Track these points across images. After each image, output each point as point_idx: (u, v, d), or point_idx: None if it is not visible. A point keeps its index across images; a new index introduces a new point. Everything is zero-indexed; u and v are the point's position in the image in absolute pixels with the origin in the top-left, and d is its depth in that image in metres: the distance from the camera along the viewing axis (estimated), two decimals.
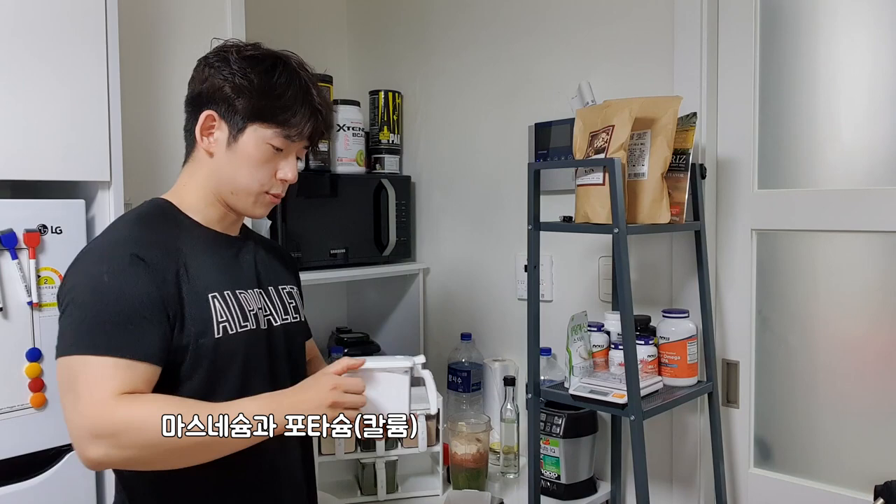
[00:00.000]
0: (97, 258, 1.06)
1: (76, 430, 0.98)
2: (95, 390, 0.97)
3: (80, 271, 1.06)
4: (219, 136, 1.13)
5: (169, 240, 1.10)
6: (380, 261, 2.22)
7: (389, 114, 2.29)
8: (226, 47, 1.15)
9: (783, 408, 1.65)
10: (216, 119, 1.13)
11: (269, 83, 1.11)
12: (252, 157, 1.12)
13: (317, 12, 2.48)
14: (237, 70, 1.11)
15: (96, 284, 1.02)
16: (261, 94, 1.11)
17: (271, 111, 1.11)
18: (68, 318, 1.03)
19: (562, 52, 1.94)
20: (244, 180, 1.13)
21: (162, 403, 1.00)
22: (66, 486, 1.39)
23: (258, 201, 1.16)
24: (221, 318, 1.10)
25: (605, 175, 1.45)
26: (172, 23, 1.78)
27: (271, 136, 1.12)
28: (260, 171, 1.13)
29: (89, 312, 1.01)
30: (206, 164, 1.15)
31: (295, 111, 1.12)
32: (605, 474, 1.85)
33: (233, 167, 1.13)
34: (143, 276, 1.03)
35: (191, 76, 1.17)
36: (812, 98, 1.59)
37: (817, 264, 1.60)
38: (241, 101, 1.11)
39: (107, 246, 1.08)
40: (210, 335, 1.08)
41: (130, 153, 1.52)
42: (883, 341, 1.51)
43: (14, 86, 1.33)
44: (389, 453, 1.75)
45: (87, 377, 0.98)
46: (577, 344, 1.53)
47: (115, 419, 0.96)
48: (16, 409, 1.33)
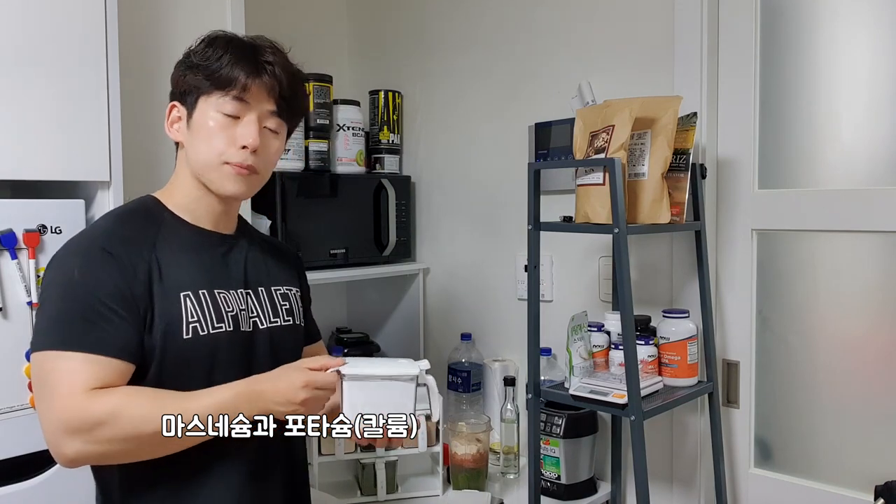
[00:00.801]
0: (71, 253, 1.05)
1: (49, 425, 0.97)
2: (67, 386, 0.96)
3: (54, 267, 1.05)
4: (182, 122, 1.14)
5: (144, 236, 1.09)
6: (380, 261, 2.22)
7: (389, 114, 2.29)
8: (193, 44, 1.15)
9: (783, 408, 1.65)
10: (178, 107, 1.14)
11: (206, 54, 1.10)
12: (206, 127, 1.10)
13: (317, 12, 2.48)
14: (184, 57, 1.13)
15: (67, 280, 1.01)
16: (200, 67, 1.10)
17: (211, 77, 1.09)
18: (42, 314, 1.03)
19: (562, 52, 1.94)
20: (203, 153, 1.11)
21: (134, 395, 0.99)
22: (66, 486, 1.39)
23: (222, 174, 1.11)
24: (192, 318, 1.07)
25: (605, 175, 1.45)
26: (172, 23, 1.78)
27: (218, 102, 1.10)
28: (214, 141, 1.10)
29: (61, 307, 1.00)
30: (182, 155, 1.16)
31: (232, 69, 1.09)
32: (605, 474, 1.85)
33: (194, 145, 1.12)
34: (114, 272, 1.02)
35: None
36: (812, 98, 1.59)
37: (817, 264, 1.60)
38: (188, 80, 1.11)
39: (82, 241, 1.07)
40: (178, 335, 1.05)
41: (130, 153, 1.52)
42: (883, 341, 1.51)
43: (14, 86, 1.33)
44: (389, 453, 1.75)
45: (58, 373, 0.97)
46: (577, 344, 1.53)
47: (89, 413, 0.95)
48: (16, 409, 1.33)
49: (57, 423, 0.96)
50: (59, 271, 1.04)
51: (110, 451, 0.98)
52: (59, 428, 0.96)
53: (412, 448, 1.76)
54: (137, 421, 0.97)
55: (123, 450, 0.99)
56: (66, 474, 1.38)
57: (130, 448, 0.99)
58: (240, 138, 1.10)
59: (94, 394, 0.96)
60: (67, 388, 0.96)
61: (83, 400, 0.96)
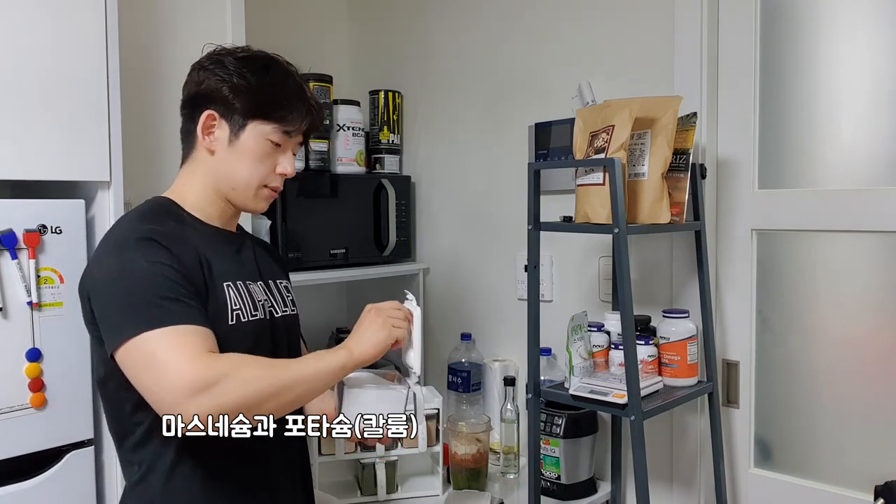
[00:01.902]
0: (127, 249, 1.07)
1: (170, 394, 0.98)
2: (180, 353, 0.99)
3: (111, 262, 1.07)
4: (219, 135, 1.17)
5: (178, 232, 1.13)
6: (380, 261, 2.22)
7: (389, 114, 2.29)
8: (219, 51, 1.19)
9: (783, 408, 1.65)
10: (216, 118, 1.16)
11: (265, 82, 1.16)
12: (253, 152, 1.16)
13: (317, 12, 2.48)
14: (234, 71, 1.15)
15: (137, 269, 1.04)
16: (259, 93, 1.15)
17: (270, 108, 1.16)
18: (116, 305, 1.04)
19: (562, 52, 1.94)
20: (245, 175, 1.17)
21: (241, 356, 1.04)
22: (66, 486, 1.39)
23: (258, 195, 1.20)
24: (235, 305, 1.13)
25: (605, 175, 1.45)
26: (172, 22, 1.78)
27: (270, 131, 1.16)
28: (260, 166, 1.17)
29: (142, 293, 1.02)
30: (207, 162, 1.19)
31: (292, 108, 1.17)
32: (605, 474, 1.85)
33: (234, 163, 1.17)
34: (173, 261, 1.06)
35: (185, 81, 1.21)
36: (812, 98, 1.59)
37: (817, 264, 1.60)
38: (241, 100, 1.15)
39: (129, 236, 1.09)
40: (225, 321, 1.11)
41: (130, 153, 1.52)
42: (883, 341, 1.51)
43: (14, 86, 1.33)
44: (389, 453, 1.75)
45: (165, 346, 0.99)
46: (577, 344, 1.53)
47: (209, 371, 0.98)
48: (16, 409, 1.33)
49: (179, 389, 0.97)
50: (123, 265, 1.05)
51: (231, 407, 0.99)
52: (183, 392, 0.96)
53: (412, 448, 1.76)
54: (251, 378, 1.01)
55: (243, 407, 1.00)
56: (67, 474, 1.39)
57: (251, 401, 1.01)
58: (279, 167, 1.19)
59: (208, 355, 1.00)
60: (181, 355, 0.98)
61: (200, 361, 0.98)
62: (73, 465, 1.40)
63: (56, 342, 1.37)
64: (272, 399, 1.03)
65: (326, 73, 2.13)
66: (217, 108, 1.15)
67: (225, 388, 0.98)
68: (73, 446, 1.41)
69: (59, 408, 1.38)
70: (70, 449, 1.40)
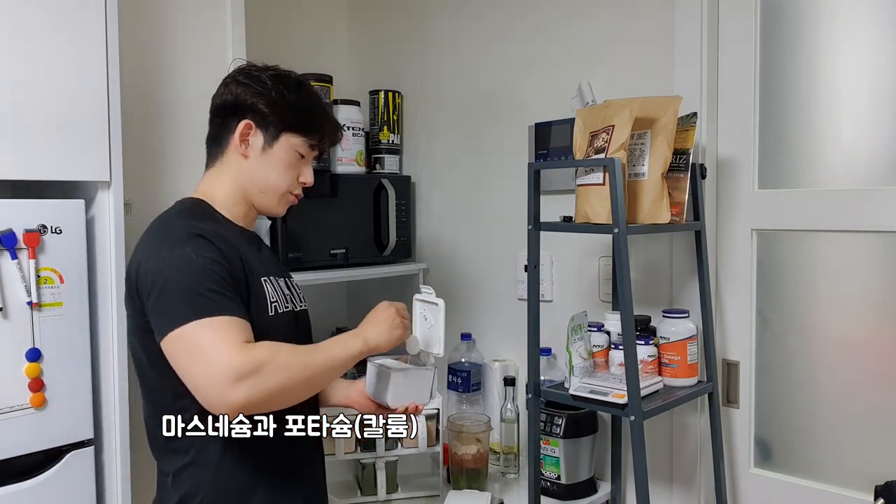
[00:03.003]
0: (180, 243, 1.14)
1: (213, 381, 1.05)
2: (224, 343, 1.06)
3: (164, 255, 1.13)
4: (254, 143, 1.27)
5: (216, 230, 1.21)
6: (380, 261, 2.21)
7: (389, 114, 2.29)
8: (251, 67, 1.30)
9: (783, 408, 1.65)
10: (253, 127, 1.27)
11: (300, 99, 1.30)
12: (283, 161, 1.28)
13: (317, 12, 2.48)
14: (271, 86, 1.27)
15: (188, 262, 1.11)
16: (294, 109, 1.28)
17: (302, 124, 1.29)
18: (166, 295, 1.10)
19: (562, 52, 1.94)
20: (274, 181, 1.29)
21: (277, 344, 1.12)
22: (66, 486, 1.39)
23: (282, 200, 1.32)
24: (273, 298, 1.23)
25: (605, 175, 1.45)
26: (172, 22, 1.78)
27: (300, 144, 1.29)
28: (288, 174, 1.29)
29: (191, 285, 1.10)
30: (237, 166, 1.28)
31: (321, 125, 1.32)
32: (605, 474, 1.85)
33: (265, 170, 1.28)
34: (218, 256, 1.15)
35: (217, 92, 1.30)
36: (812, 98, 1.59)
37: (817, 264, 1.60)
38: (277, 114, 1.26)
39: (177, 233, 1.16)
40: (265, 313, 1.20)
41: (130, 153, 1.52)
42: (883, 341, 1.51)
43: (14, 86, 1.33)
44: (389, 453, 1.75)
45: (212, 336, 1.07)
46: (577, 344, 1.53)
47: (254, 358, 1.05)
48: (16, 409, 1.33)
49: (223, 376, 1.04)
50: (173, 257, 1.12)
51: (270, 393, 1.07)
52: (227, 378, 1.03)
53: (412, 448, 1.76)
54: (287, 364, 1.10)
55: (280, 392, 1.09)
56: (67, 474, 1.39)
57: (285, 389, 1.10)
58: (302, 176, 1.32)
59: (249, 344, 1.09)
60: (226, 344, 1.06)
61: (243, 350, 1.06)
62: (73, 465, 1.40)
63: (56, 342, 1.38)
64: (304, 383, 1.14)
65: (326, 73, 2.12)
66: (254, 119, 1.26)
67: (266, 374, 1.05)
68: (73, 446, 1.41)
69: (59, 408, 1.38)
70: (70, 449, 1.40)
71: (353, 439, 1.73)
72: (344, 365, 1.19)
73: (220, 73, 1.81)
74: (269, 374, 1.06)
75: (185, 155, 1.79)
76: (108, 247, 1.46)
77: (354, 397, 1.40)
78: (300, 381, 1.12)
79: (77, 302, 1.41)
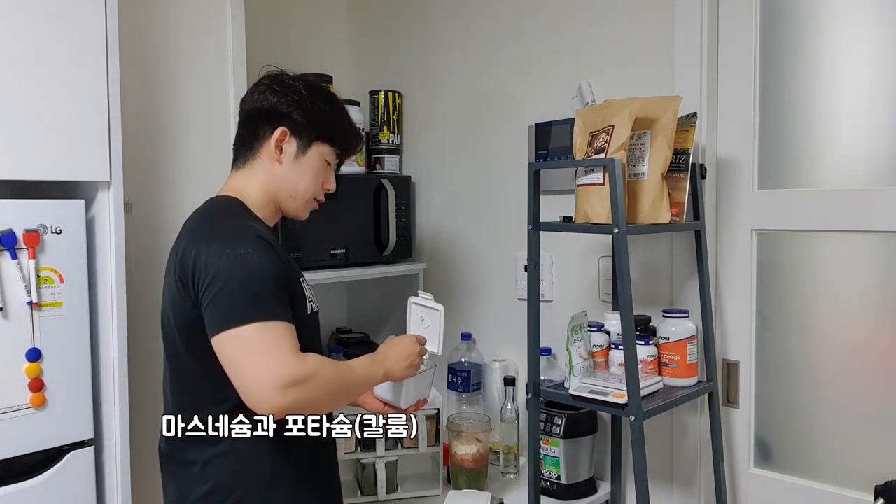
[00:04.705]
0: (242, 243, 1.19)
1: (268, 384, 1.10)
2: (280, 349, 1.12)
3: (227, 254, 1.17)
4: (288, 149, 1.33)
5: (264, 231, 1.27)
6: (380, 261, 2.21)
7: (389, 114, 2.29)
8: (284, 76, 1.37)
9: (783, 408, 1.65)
10: (287, 135, 1.33)
11: (333, 111, 1.38)
12: (313, 168, 1.35)
13: (317, 12, 2.48)
14: (306, 96, 1.34)
15: (253, 264, 1.16)
16: (327, 120, 1.36)
17: (333, 134, 1.37)
18: (226, 294, 1.14)
19: (562, 52, 1.94)
20: (304, 187, 1.35)
21: (320, 356, 1.20)
22: (66, 486, 1.39)
23: (308, 205, 1.39)
24: (309, 298, 1.31)
25: (605, 175, 1.45)
26: (172, 21, 1.78)
27: (329, 152, 1.37)
28: (316, 181, 1.37)
29: (254, 287, 1.15)
30: (270, 171, 1.34)
31: (350, 137, 1.42)
32: (605, 474, 1.85)
33: (297, 176, 1.34)
34: (276, 259, 1.20)
35: (250, 97, 1.36)
36: (812, 98, 1.59)
37: (817, 264, 1.60)
38: (312, 124, 1.33)
39: (244, 234, 1.21)
40: (305, 311, 1.28)
41: (130, 153, 1.52)
42: (883, 341, 1.51)
43: (14, 86, 1.33)
44: (389, 453, 1.75)
45: (267, 340, 1.12)
46: (577, 344, 1.53)
47: (304, 369, 1.12)
48: (16, 409, 1.33)
49: (276, 381, 1.09)
50: (239, 259, 1.16)
51: (311, 402, 1.16)
52: (279, 384, 1.09)
53: (412, 448, 1.76)
54: (329, 379, 1.17)
55: (321, 400, 1.18)
56: (67, 474, 1.39)
57: (328, 397, 1.19)
58: (327, 183, 1.40)
59: (301, 354, 1.14)
60: (282, 350, 1.12)
61: (296, 359, 1.13)
62: (73, 465, 1.40)
63: (56, 342, 1.37)
64: (337, 399, 1.22)
65: (326, 73, 2.12)
66: (289, 126, 1.32)
67: (311, 385, 1.12)
68: (73, 446, 1.41)
69: (59, 408, 1.38)
70: (70, 449, 1.40)
71: (353, 439, 1.73)
72: (366, 388, 1.35)
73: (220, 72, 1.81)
74: (314, 385, 1.13)
75: (185, 155, 1.79)
76: (108, 247, 1.46)
77: (363, 398, 1.47)
78: (334, 397, 1.20)
79: (77, 302, 1.41)
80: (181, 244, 1.24)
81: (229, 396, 1.16)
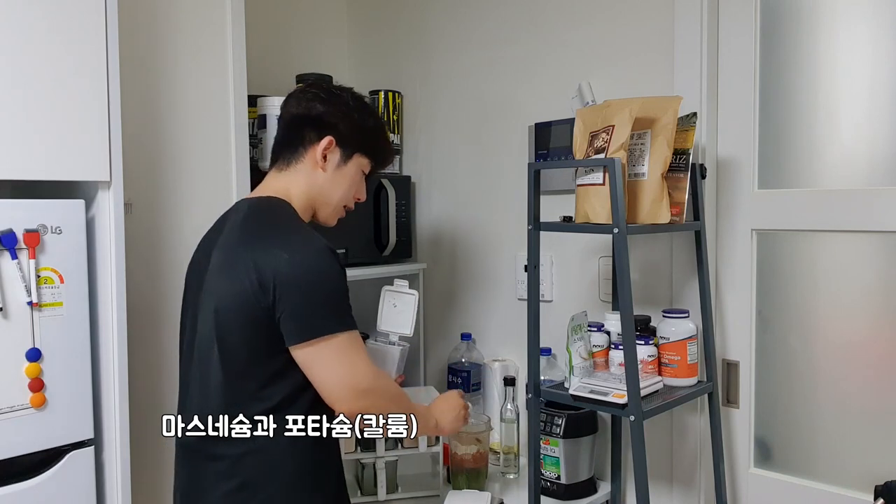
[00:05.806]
0: (323, 254, 1.26)
1: (350, 387, 1.23)
2: (362, 359, 1.25)
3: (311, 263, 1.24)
4: (331, 158, 1.40)
5: None
6: (380, 261, 2.21)
7: (389, 114, 2.29)
8: (330, 85, 1.45)
9: (783, 408, 1.65)
10: (333, 144, 1.39)
11: (376, 126, 1.46)
12: (352, 178, 1.43)
13: (317, 12, 2.48)
14: (354, 109, 1.41)
15: (330, 273, 1.24)
16: (371, 135, 1.44)
17: (374, 149, 1.45)
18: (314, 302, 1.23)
19: (562, 52, 1.94)
20: (340, 195, 1.43)
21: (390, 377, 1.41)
22: (66, 486, 1.39)
23: (337, 213, 1.46)
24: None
25: (605, 175, 1.45)
26: (172, 21, 1.78)
27: (366, 164, 1.44)
28: (350, 190, 1.44)
29: (335, 296, 1.25)
30: (312, 176, 1.40)
31: (386, 153, 1.49)
32: (605, 474, 1.85)
33: (336, 184, 1.41)
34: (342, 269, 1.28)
35: (296, 102, 1.42)
36: (812, 98, 1.59)
37: (817, 264, 1.60)
38: (357, 137, 1.41)
39: (322, 245, 1.27)
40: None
41: (130, 153, 1.52)
42: (883, 341, 1.51)
43: (14, 85, 1.33)
44: (389, 453, 1.75)
45: (356, 348, 1.25)
46: (577, 344, 1.53)
47: (379, 381, 1.28)
48: (16, 409, 1.33)
49: (359, 385, 1.23)
50: (322, 269, 1.24)
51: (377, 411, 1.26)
52: (361, 388, 1.24)
53: (412, 448, 1.76)
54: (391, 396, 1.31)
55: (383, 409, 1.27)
56: (67, 474, 1.39)
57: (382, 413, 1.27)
58: (359, 193, 1.47)
59: (374, 367, 1.28)
60: (363, 360, 1.26)
61: (373, 370, 1.27)
62: (73, 465, 1.40)
63: (56, 342, 1.37)
64: (387, 419, 1.29)
65: (326, 73, 2.12)
66: (336, 136, 1.39)
67: (380, 396, 1.26)
68: (73, 446, 1.41)
69: (59, 408, 1.38)
70: (70, 449, 1.40)
71: (353, 439, 1.73)
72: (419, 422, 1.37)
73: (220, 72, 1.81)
74: (383, 397, 1.27)
75: (185, 155, 1.79)
76: (108, 247, 1.46)
77: None
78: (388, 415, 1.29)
79: (77, 302, 1.41)
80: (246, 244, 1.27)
81: (272, 395, 1.22)
